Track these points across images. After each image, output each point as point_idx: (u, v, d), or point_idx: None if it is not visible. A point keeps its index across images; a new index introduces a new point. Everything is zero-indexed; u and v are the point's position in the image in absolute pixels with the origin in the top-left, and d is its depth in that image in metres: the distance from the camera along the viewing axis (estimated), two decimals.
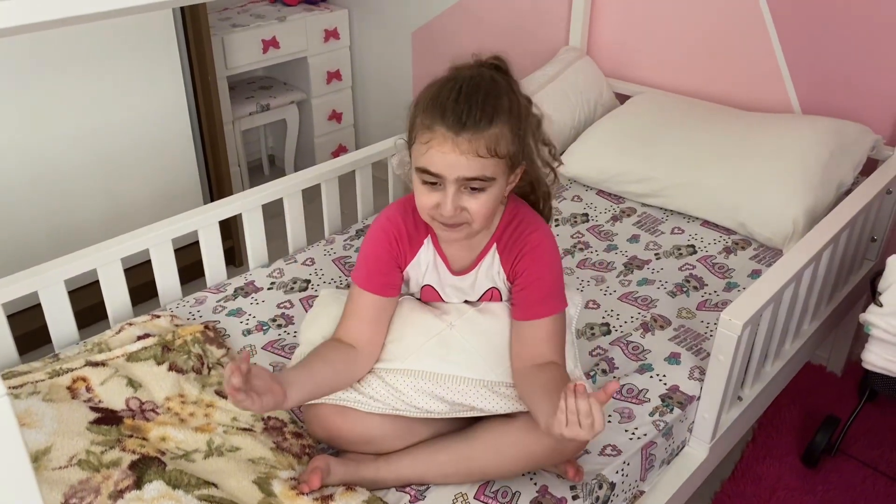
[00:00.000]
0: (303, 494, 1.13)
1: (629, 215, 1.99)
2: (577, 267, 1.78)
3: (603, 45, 2.42)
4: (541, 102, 2.12)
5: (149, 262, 1.61)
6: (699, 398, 1.41)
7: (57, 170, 2.16)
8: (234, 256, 2.65)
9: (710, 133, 1.96)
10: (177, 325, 1.49)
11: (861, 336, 1.66)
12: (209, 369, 1.39)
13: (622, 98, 2.32)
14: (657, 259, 1.81)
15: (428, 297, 1.31)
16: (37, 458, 1.10)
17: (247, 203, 1.71)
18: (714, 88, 2.22)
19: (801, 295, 1.58)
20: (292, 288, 1.70)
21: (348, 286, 1.52)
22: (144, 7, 0.73)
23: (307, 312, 1.41)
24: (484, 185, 1.12)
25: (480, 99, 1.10)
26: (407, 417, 1.22)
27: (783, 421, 2.00)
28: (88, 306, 1.89)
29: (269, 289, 1.69)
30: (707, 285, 1.71)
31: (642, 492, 1.35)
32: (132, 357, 1.36)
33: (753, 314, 1.31)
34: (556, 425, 0.98)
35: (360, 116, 3.29)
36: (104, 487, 1.07)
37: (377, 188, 2.03)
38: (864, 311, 1.59)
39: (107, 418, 1.22)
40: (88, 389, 1.28)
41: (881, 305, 1.55)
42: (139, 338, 1.43)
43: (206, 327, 1.48)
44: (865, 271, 1.99)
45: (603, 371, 1.45)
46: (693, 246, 1.85)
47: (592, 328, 1.57)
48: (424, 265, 1.27)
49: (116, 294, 1.56)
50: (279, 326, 1.57)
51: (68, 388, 1.27)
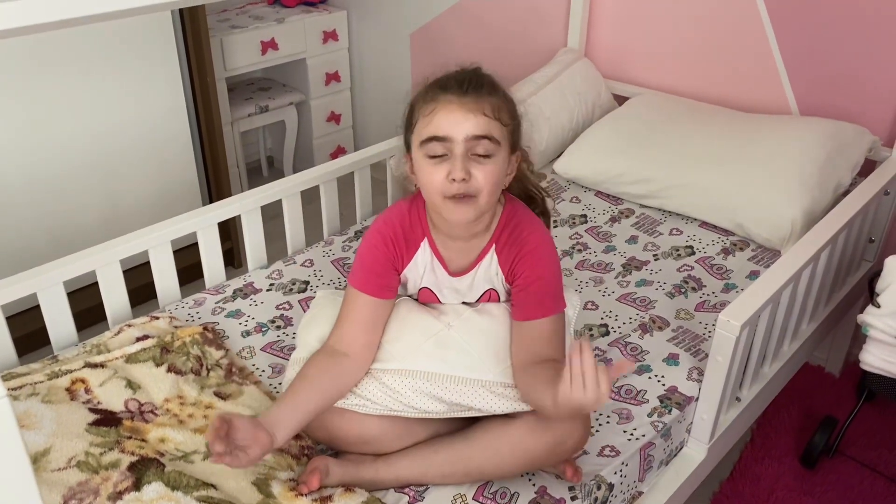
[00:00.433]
0: (302, 495, 1.13)
1: (627, 216, 1.99)
2: (576, 268, 1.79)
3: (601, 47, 2.43)
4: (539, 104, 2.16)
5: (148, 264, 1.61)
6: (697, 399, 1.41)
7: (56, 171, 2.16)
8: (233, 258, 2.65)
9: (709, 134, 1.96)
10: (176, 327, 1.49)
11: (859, 337, 1.66)
12: (208, 371, 1.39)
13: (620, 99, 2.33)
14: (655, 260, 1.81)
15: (425, 300, 1.31)
16: (36, 460, 1.10)
17: (245, 204, 1.71)
18: (712, 90, 2.23)
19: (800, 296, 1.58)
20: (291, 289, 1.70)
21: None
22: (143, 9, 0.74)
23: (305, 314, 1.41)
24: (490, 150, 1.13)
25: (478, 73, 1.17)
26: (405, 418, 1.22)
27: (781, 422, 2.00)
28: (87, 308, 1.89)
29: (268, 290, 1.69)
30: (705, 286, 1.71)
31: (641, 492, 1.35)
32: (131, 358, 1.36)
33: (752, 315, 1.31)
34: (562, 391, 0.98)
35: (359, 118, 3.30)
36: (103, 489, 1.08)
37: (376, 189, 2.04)
38: (862, 312, 1.59)
39: (106, 420, 1.22)
40: (87, 391, 1.28)
41: (879, 306, 1.55)
42: (138, 339, 1.43)
43: (205, 329, 1.48)
44: (863, 272, 1.99)
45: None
46: (691, 247, 1.85)
47: (591, 329, 1.57)
48: (422, 267, 1.27)
49: (115, 295, 1.56)
50: (278, 328, 1.57)
51: (67, 390, 1.27)
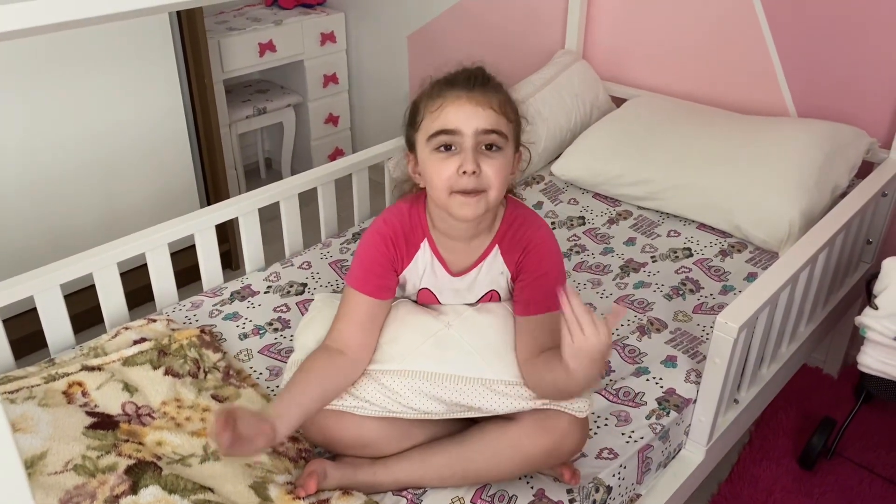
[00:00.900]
0: (299, 498, 1.13)
1: (625, 218, 1.99)
2: (574, 270, 1.79)
3: (599, 49, 2.43)
4: (537, 105, 2.16)
5: (145, 266, 1.61)
6: (695, 401, 1.41)
7: (53, 173, 2.16)
8: (231, 260, 2.65)
9: (706, 136, 1.96)
10: (173, 330, 1.49)
11: (857, 338, 1.66)
12: (205, 373, 1.39)
13: (618, 101, 2.33)
14: (653, 262, 1.81)
15: (424, 301, 1.31)
16: (32, 464, 1.10)
17: (243, 207, 1.71)
18: (710, 91, 2.23)
19: (797, 298, 1.58)
20: (289, 292, 1.69)
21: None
22: (141, 11, 0.73)
23: (303, 317, 1.41)
24: (499, 144, 1.14)
25: (484, 71, 1.18)
26: (403, 420, 1.21)
27: (780, 423, 2.00)
28: (84, 310, 1.89)
29: (266, 292, 1.69)
30: (703, 288, 1.71)
31: (639, 495, 1.35)
32: (128, 361, 1.36)
33: (749, 317, 1.31)
34: (565, 347, 1.01)
35: (357, 120, 3.30)
36: (100, 492, 1.07)
37: (374, 191, 2.03)
38: (860, 314, 1.59)
39: (103, 423, 1.21)
40: (84, 394, 1.28)
41: (877, 308, 1.55)
42: (135, 342, 1.43)
43: (203, 331, 1.48)
44: (861, 274, 1.99)
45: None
46: (689, 249, 1.85)
47: None
48: (422, 268, 1.26)
49: (112, 298, 1.56)
50: (275, 330, 1.57)
51: (64, 393, 1.27)
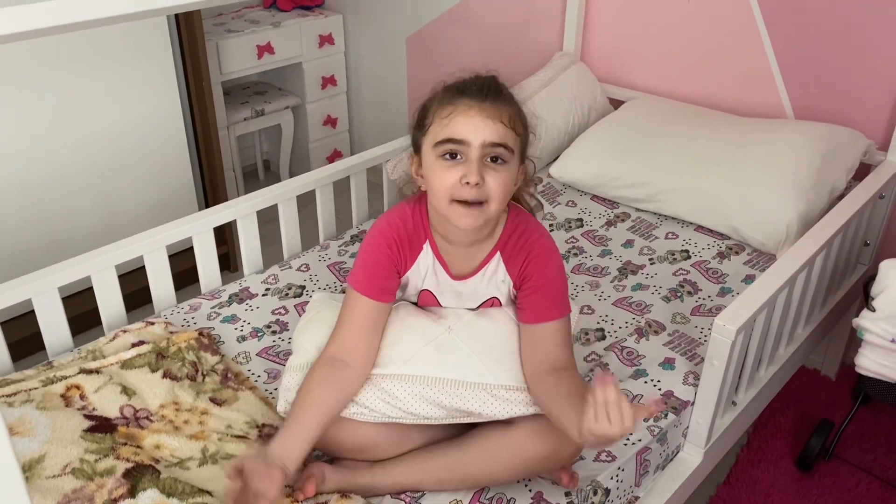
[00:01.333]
0: (298, 502, 1.13)
1: (623, 220, 1.99)
2: (572, 272, 1.79)
3: (597, 51, 2.43)
4: (535, 108, 2.16)
5: (143, 269, 1.61)
6: (693, 403, 1.41)
7: (51, 176, 2.16)
8: (229, 262, 2.65)
9: (704, 138, 1.97)
10: (171, 332, 1.49)
11: (855, 340, 1.66)
12: (203, 376, 1.39)
13: (616, 103, 2.33)
14: (651, 264, 1.81)
15: (425, 303, 1.31)
16: (30, 467, 1.10)
17: (241, 209, 1.71)
18: (708, 93, 2.23)
19: (795, 300, 1.58)
20: (287, 294, 1.69)
21: (343, 292, 1.52)
22: (139, 14, 0.74)
23: (301, 318, 1.41)
24: (505, 157, 1.14)
25: (497, 82, 1.18)
26: (402, 424, 1.21)
27: (777, 425, 2.00)
28: (82, 313, 1.89)
29: (264, 295, 1.69)
30: (701, 290, 1.71)
31: (637, 497, 1.35)
32: (126, 364, 1.36)
33: (747, 319, 1.31)
34: (586, 421, 0.98)
35: (355, 121, 3.29)
36: (98, 496, 1.07)
37: (372, 193, 2.03)
38: (858, 316, 1.59)
39: (101, 426, 1.21)
40: (82, 397, 1.28)
41: (874, 310, 1.55)
42: (133, 345, 1.42)
43: (201, 334, 1.47)
44: (858, 276, 2.00)
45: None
46: (687, 251, 1.86)
47: (587, 333, 1.57)
48: (424, 270, 1.26)
49: (110, 301, 1.56)
50: (274, 333, 1.57)
51: (62, 396, 1.27)
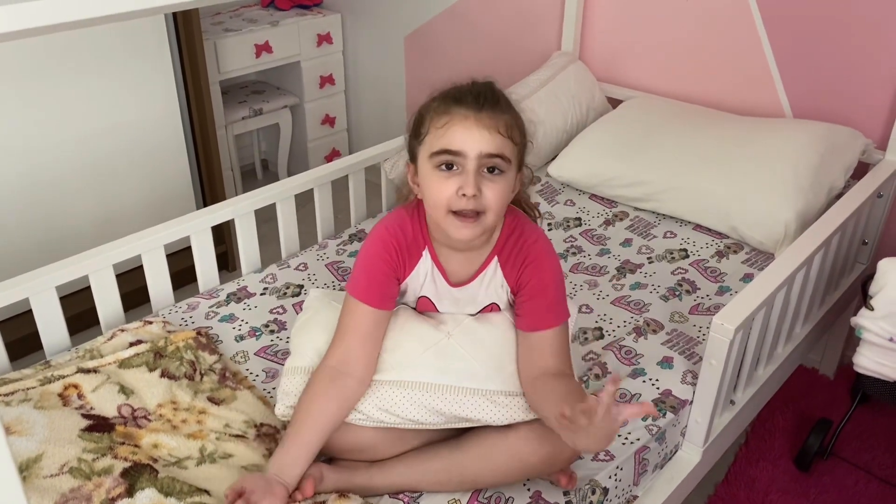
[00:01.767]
0: (296, 502, 1.12)
1: (622, 219, 1.99)
2: (571, 271, 1.79)
3: (595, 50, 2.43)
4: (533, 107, 2.16)
5: (141, 268, 1.61)
6: (692, 402, 1.41)
7: (48, 175, 2.15)
8: (227, 261, 2.65)
9: (702, 137, 1.97)
10: (169, 332, 1.49)
11: (853, 339, 1.66)
12: (201, 376, 1.39)
13: (614, 102, 2.33)
14: (650, 263, 1.81)
15: (423, 309, 1.30)
16: (28, 466, 1.10)
17: (239, 208, 1.71)
18: (706, 92, 2.23)
19: (793, 299, 1.58)
20: (285, 293, 1.69)
21: (341, 290, 1.52)
22: (137, 13, 0.73)
23: (297, 317, 1.40)
24: (502, 168, 1.12)
25: (494, 89, 1.16)
26: (400, 427, 1.21)
27: (776, 424, 2.00)
28: (80, 312, 1.88)
29: (262, 294, 1.69)
30: (699, 289, 1.71)
31: (636, 496, 1.35)
32: (124, 363, 1.36)
33: (745, 318, 1.31)
34: (566, 437, 0.99)
35: (354, 121, 3.29)
36: (96, 495, 1.07)
37: (370, 193, 2.03)
38: (856, 315, 1.59)
39: (98, 425, 1.21)
40: (80, 396, 1.27)
41: (872, 309, 1.55)
42: (131, 344, 1.42)
43: (199, 333, 1.47)
44: (857, 275, 2.00)
45: (596, 376, 1.45)
46: (685, 250, 1.85)
47: (585, 332, 1.57)
48: (422, 277, 1.25)
49: (108, 300, 1.56)
50: (272, 332, 1.57)
51: (60, 396, 1.27)
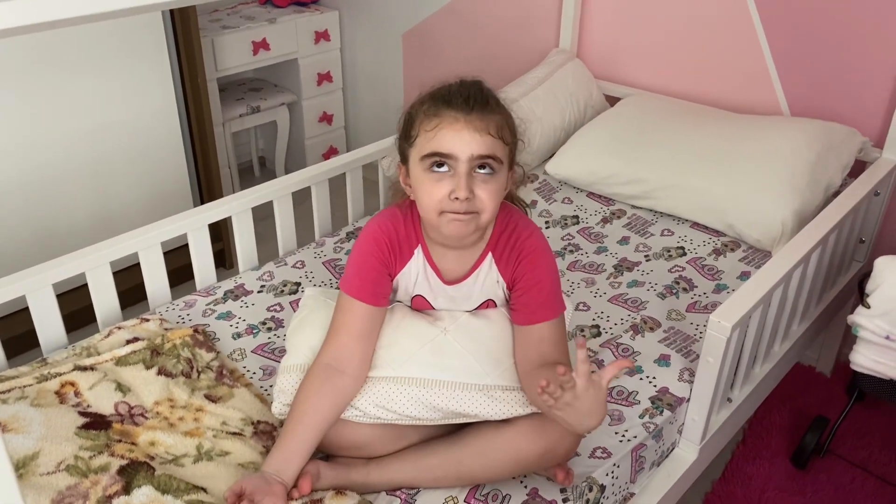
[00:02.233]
0: (293, 499, 1.12)
1: (619, 217, 1.99)
2: (568, 269, 1.79)
3: (593, 48, 2.43)
4: (530, 104, 2.16)
5: (138, 266, 1.61)
6: (689, 400, 1.41)
7: (46, 172, 2.15)
8: (224, 259, 2.65)
9: (700, 135, 1.97)
10: (166, 329, 1.48)
11: (850, 337, 1.66)
12: (198, 373, 1.39)
13: (612, 100, 2.33)
14: (647, 261, 1.81)
15: (418, 307, 1.30)
16: (24, 464, 1.09)
17: (236, 206, 1.71)
18: (703, 90, 2.23)
19: (790, 296, 1.58)
20: (282, 291, 1.69)
21: (337, 288, 1.52)
22: (134, 10, 0.73)
23: (294, 315, 1.40)
24: (494, 168, 1.12)
25: (483, 89, 1.15)
26: (398, 424, 1.21)
27: (773, 422, 2.01)
28: (77, 310, 1.88)
29: (259, 292, 1.69)
30: (696, 287, 1.72)
31: (632, 494, 1.35)
32: (121, 361, 1.36)
33: (742, 316, 1.31)
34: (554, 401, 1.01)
35: (351, 118, 3.29)
36: (92, 493, 1.07)
37: (368, 190, 2.03)
38: (853, 313, 1.60)
39: (95, 423, 1.21)
40: (77, 394, 1.27)
41: (869, 307, 1.56)
42: (128, 342, 1.42)
43: (196, 331, 1.47)
44: (854, 273, 2.00)
45: (592, 373, 1.45)
46: (683, 248, 1.86)
47: (582, 330, 1.57)
48: (415, 274, 1.25)
49: (105, 298, 1.55)
50: (269, 329, 1.57)
51: (56, 393, 1.27)
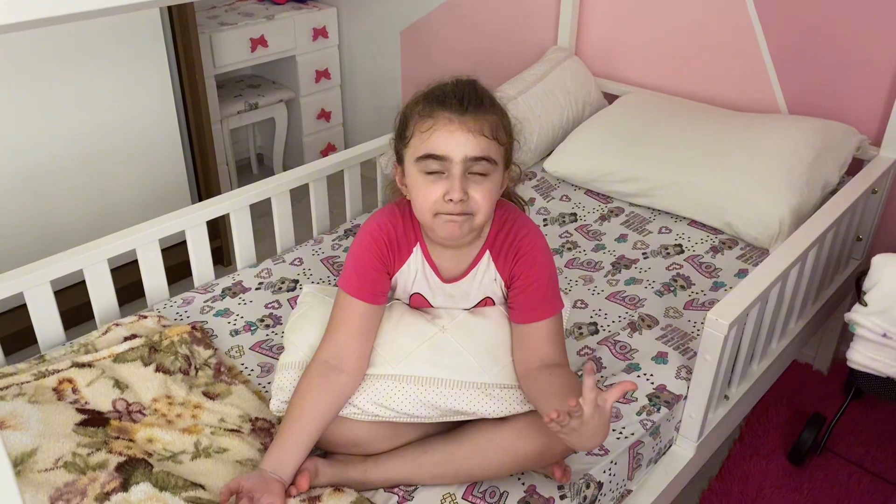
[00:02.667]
0: (291, 496, 1.13)
1: (617, 215, 1.99)
2: (566, 266, 1.79)
3: (591, 45, 2.43)
4: (529, 102, 2.16)
5: (136, 262, 1.60)
6: (686, 397, 1.42)
7: (44, 170, 2.15)
8: (222, 256, 2.64)
9: (698, 133, 1.97)
10: (164, 326, 1.48)
11: (847, 335, 1.67)
12: (196, 370, 1.39)
13: (610, 98, 2.33)
14: (645, 258, 1.82)
15: (417, 305, 1.30)
16: (22, 461, 1.09)
17: (234, 203, 1.70)
18: (701, 88, 2.23)
19: (788, 294, 1.58)
20: (280, 288, 1.69)
21: (335, 285, 1.52)
22: (132, 6, 0.73)
23: (292, 313, 1.40)
24: (488, 170, 1.12)
25: (477, 89, 1.15)
26: (395, 421, 1.21)
27: (770, 419, 2.01)
28: (75, 307, 1.88)
29: (257, 289, 1.69)
30: (694, 285, 1.72)
31: (630, 491, 1.36)
32: (119, 358, 1.36)
33: (740, 314, 1.32)
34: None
35: (349, 115, 3.29)
36: (90, 489, 1.07)
37: (366, 188, 2.03)
38: (850, 311, 1.60)
39: (93, 420, 1.21)
40: (75, 391, 1.27)
41: (866, 305, 1.56)
42: (126, 338, 1.42)
43: (194, 328, 1.47)
44: (851, 270, 2.00)
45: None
46: (680, 245, 1.86)
47: (580, 328, 1.58)
48: (413, 273, 1.25)
49: (103, 294, 1.55)
50: (267, 327, 1.57)
51: (54, 390, 1.27)
